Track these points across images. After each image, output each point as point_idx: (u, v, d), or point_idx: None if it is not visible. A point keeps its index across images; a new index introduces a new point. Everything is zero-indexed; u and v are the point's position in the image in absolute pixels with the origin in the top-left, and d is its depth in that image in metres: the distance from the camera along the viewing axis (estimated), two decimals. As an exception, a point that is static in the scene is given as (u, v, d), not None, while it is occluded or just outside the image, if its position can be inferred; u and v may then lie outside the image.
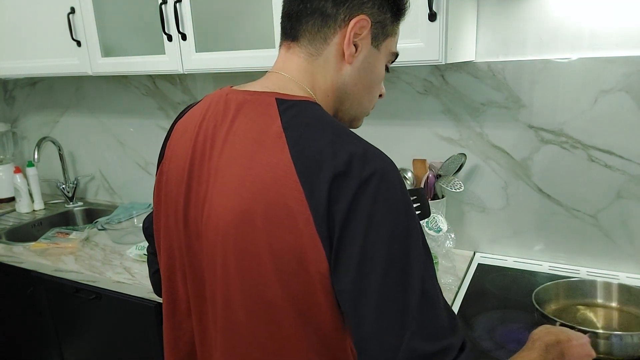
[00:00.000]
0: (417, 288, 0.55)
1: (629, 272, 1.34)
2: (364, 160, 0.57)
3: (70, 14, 1.61)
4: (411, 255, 0.57)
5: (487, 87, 1.39)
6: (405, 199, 0.59)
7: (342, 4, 0.67)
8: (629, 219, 1.31)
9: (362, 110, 0.78)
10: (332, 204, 0.57)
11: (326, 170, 0.57)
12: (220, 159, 0.66)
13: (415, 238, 0.58)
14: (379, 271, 0.55)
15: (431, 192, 1.46)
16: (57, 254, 1.65)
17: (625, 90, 1.24)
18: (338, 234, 0.57)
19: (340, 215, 0.56)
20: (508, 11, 1.33)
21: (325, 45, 0.69)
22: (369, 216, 0.56)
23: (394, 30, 0.75)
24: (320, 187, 0.57)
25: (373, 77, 0.74)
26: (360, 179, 0.56)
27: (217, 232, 0.65)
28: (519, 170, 1.41)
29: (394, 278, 0.55)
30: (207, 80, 1.85)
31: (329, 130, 0.61)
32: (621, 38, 1.22)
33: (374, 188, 0.56)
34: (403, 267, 0.56)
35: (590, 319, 1.05)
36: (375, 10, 0.69)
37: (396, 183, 0.59)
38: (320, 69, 0.70)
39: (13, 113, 2.44)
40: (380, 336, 0.55)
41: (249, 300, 0.64)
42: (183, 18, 1.40)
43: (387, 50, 0.75)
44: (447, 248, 1.45)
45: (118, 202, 2.21)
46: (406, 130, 1.54)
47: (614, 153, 1.29)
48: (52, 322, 1.70)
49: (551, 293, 1.09)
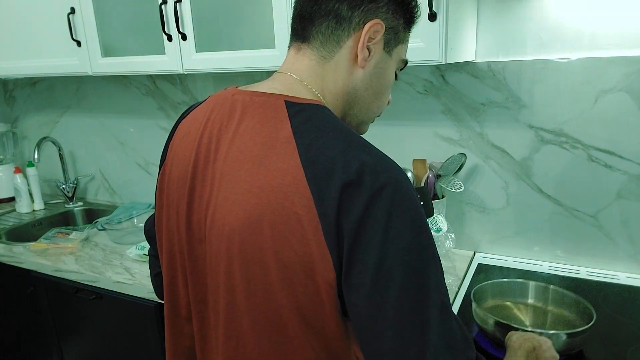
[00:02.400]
0: (436, 301, 0.55)
1: (628, 272, 1.34)
2: (377, 170, 0.56)
3: (70, 14, 1.61)
4: (428, 268, 0.56)
5: (487, 87, 1.39)
6: (420, 210, 0.58)
7: (357, 7, 0.66)
8: (629, 219, 1.31)
9: (370, 115, 0.77)
10: (342, 214, 0.55)
11: (337, 178, 0.55)
12: (225, 162, 0.64)
13: (431, 250, 0.57)
14: (396, 285, 0.54)
15: (431, 192, 1.46)
16: (57, 254, 1.65)
17: (625, 90, 1.24)
18: (349, 245, 0.55)
19: (351, 225, 0.55)
20: (508, 11, 1.33)
21: (337, 48, 0.68)
22: (385, 229, 0.54)
23: (405, 37, 0.74)
24: (330, 195, 0.55)
25: (384, 82, 0.73)
26: (373, 190, 0.55)
27: (222, 237, 0.64)
28: (519, 170, 1.41)
29: (412, 292, 0.54)
30: (207, 80, 1.85)
31: (341, 137, 0.60)
32: (621, 38, 1.22)
33: (388, 199, 0.55)
34: (421, 280, 0.55)
35: (519, 317, 1.12)
36: (390, 15, 0.69)
37: (411, 194, 0.58)
38: (331, 72, 0.69)
39: (13, 113, 2.44)
40: (401, 352, 0.53)
41: (253, 308, 0.63)
42: (183, 18, 1.40)
43: (398, 57, 0.74)
44: (447, 248, 1.46)
45: (118, 202, 2.21)
46: (406, 130, 1.54)
47: (614, 153, 1.29)
48: (52, 322, 1.70)
49: (487, 291, 1.15)
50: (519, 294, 1.16)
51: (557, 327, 1.07)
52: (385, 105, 0.78)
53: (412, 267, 0.54)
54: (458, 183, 1.39)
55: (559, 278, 1.34)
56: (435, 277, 0.56)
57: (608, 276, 1.33)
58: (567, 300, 1.10)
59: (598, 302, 1.20)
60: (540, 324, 1.09)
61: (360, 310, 0.56)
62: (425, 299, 0.54)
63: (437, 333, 0.53)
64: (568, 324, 1.06)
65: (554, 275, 1.35)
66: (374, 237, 0.54)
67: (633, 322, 1.12)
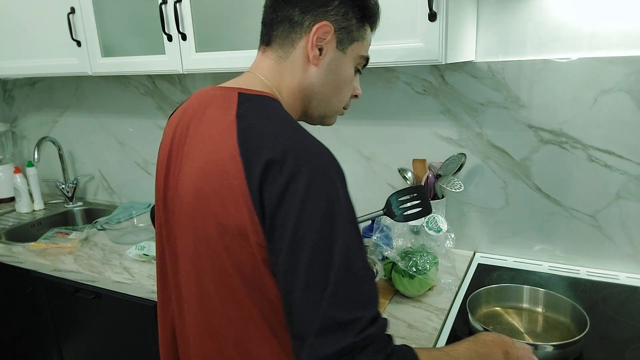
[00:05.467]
0: (339, 264, 0.61)
1: (628, 272, 1.34)
2: (300, 153, 0.64)
3: (70, 14, 1.61)
4: (337, 235, 0.62)
5: (487, 87, 1.39)
6: (336, 189, 0.64)
7: (308, 12, 0.76)
8: (628, 219, 1.31)
9: (332, 109, 0.85)
10: (265, 187, 0.64)
11: (264, 155, 0.64)
12: (189, 145, 0.75)
13: (342, 221, 0.63)
14: (307, 249, 0.61)
15: (431, 192, 1.46)
16: (57, 254, 1.65)
17: (625, 90, 1.24)
18: (271, 213, 0.64)
19: (273, 197, 0.63)
20: (508, 11, 1.33)
21: (292, 49, 0.78)
22: (302, 201, 0.62)
23: (360, 35, 0.81)
24: (256, 170, 0.64)
25: (340, 78, 0.81)
26: (294, 169, 0.62)
27: (182, 208, 0.75)
28: (518, 170, 1.41)
29: (319, 256, 0.61)
30: (207, 80, 1.85)
31: (277, 123, 0.69)
32: (621, 38, 1.22)
33: (306, 178, 0.62)
34: (328, 246, 0.62)
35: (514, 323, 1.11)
36: (340, 17, 0.77)
37: (330, 176, 0.64)
38: (288, 70, 0.79)
39: (12, 113, 2.44)
40: (304, 306, 0.61)
41: (209, 272, 0.72)
42: (183, 18, 1.40)
43: (355, 54, 0.82)
44: (447, 248, 1.45)
45: (117, 202, 2.21)
46: (406, 130, 1.54)
47: (613, 153, 1.29)
48: (51, 322, 1.70)
49: (482, 298, 1.15)
50: (513, 299, 1.16)
51: (552, 332, 1.07)
52: (347, 99, 0.86)
53: (323, 235, 0.62)
54: (458, 183, 1.39)
55: (558, 278, 1.34)
56: (342, 243, 0.62)
57: (608, 276, 1.33)
58: (562, 305, 1.10)
59: (597, 302, 1.20)
60: (534, 329, 1.08)
61: (279, 268, 0.64)
62: (330, 262, 0.61)
63: (333, 291, 0.60)
64: (563, 329, 1.07)
65: (554, 275, 1.35)
66: (292, 208, 0.62)
67: (632, 322, 1.12)
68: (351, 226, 0.65)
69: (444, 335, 1.09)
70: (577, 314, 1.05)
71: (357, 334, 0.59)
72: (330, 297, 0.60)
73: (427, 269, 1.21)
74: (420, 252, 1.25)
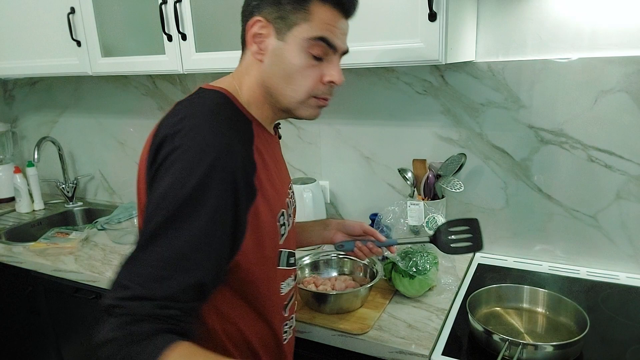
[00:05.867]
0: (161, 242, 0.67)
1: (628, 272, 1.34)
2: (174, 139, 0.71)
3: (70, 14, 1.61)
4: (176, 215, 0.68)
5: (487, 87, 1.39)
6: (196, 174, 0.68)
7: (244, 13, 0.83)
8: (629, 220, 1.31)
9: (290, 100, 0.82)
10: (149, 168, 0.75)
11: (154, 142, 0.74)
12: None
13: (186, 203, 0.68)
14: (153, 221, 0.69)
15: (431, 192, 1.46)
16: (57, 254, 1.65)
17: (625, 90, 1.24)
18: (149, 189, 0.74)
19: (150, 176, 0.74)
20: (508, 11, 1.33)
21: (246, 49, 0.85)
22: (163, 180, 0.70)
23: (300, 17, 0.78)
24: (149, 154, 0.75)
25: (287, 67, 0.80)
26: (166, 153, 0.71)
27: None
28: (518, 171, 1.41)
29: (153, 226, 0.68)
30: (207, 80, 1.83)
31: (189, 113, 0.74)
32: (621, 38, 1.22)
33: (171, 162, 0.70)
34: (163, 221, 0.68)
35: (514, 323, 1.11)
36: (270, 8, 0.79)
37: (195, 161, 0.69)
38: (245, 69, 0.84)
39: (12, 113, 2.44)
40: (130, 269, 0.67)
41: None
42: (183, 18, 1.40)
43: (299, 39, 0.78)
44: (447, 248, 1.45)
45: (118, 202, 2.21)
46: (406, 130, 1.54)
47: (613, 153, 1.29)
48: (50, 322, 1.70)
49: (482, 298, 1.15)
50: (514, 299, 1.16)
51: (552, 332, 1.06)
52: (305, 88, 0.81)
53: (165, 211, 0.68)
54: (458, 183, 1.39)
55: (559, 278, 1.34)
56: (170, 222, 0.68)
57: (608, 276, 1.33)
58: (562, 305, 1.10)
59: (597, 303, 1.20)
60: (534, 329, 1.08)
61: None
62: (156, 235, 0.67)
63: (145, 263, 0.67)
64: (563, 329, 1.06)
65: (554, 276, 1.35)
66: (159, 185, 0.70)
67: (632, 322, 1.12)
68: (187, 212, 0.69)
69: (444, 335, 1.09)
70: (577, 314, 1.05)
71: (120, 299, 0.65)
72: (141, 269, 0.67)
73: (427, 269, 1.21)
74: (421, 252, 1.26)
